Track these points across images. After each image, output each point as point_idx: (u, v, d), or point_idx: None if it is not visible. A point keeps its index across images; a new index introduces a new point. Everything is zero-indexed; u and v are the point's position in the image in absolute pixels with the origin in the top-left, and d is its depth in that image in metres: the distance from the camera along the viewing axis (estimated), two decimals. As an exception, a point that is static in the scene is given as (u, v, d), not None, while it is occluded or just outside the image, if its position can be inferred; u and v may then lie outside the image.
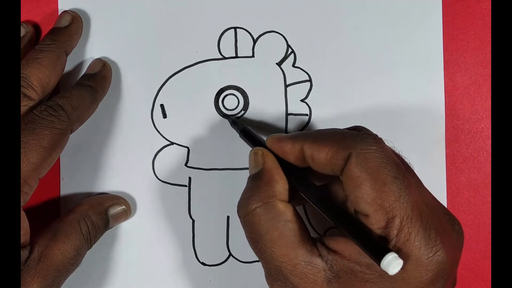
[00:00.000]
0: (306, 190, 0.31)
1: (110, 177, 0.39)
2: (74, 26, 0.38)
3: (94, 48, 0.39)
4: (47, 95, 0.36)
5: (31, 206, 0.39)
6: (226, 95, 0.39)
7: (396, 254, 0.26)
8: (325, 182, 0.34)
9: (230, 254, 0.39)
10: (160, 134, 0.39)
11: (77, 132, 0.37)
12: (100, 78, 0.38)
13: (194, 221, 0.39)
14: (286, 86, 0.39)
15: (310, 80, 0.39)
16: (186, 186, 0.39)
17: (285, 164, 0.32)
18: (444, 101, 0.38)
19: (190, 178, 0.39)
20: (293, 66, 0.39)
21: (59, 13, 0.39)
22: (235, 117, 0.39)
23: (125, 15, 0.39)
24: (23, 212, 0.33)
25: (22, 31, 0.38)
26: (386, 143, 0.30)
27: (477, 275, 0.39)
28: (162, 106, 0.39)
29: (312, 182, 0.32)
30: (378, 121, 0.38)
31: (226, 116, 0.39)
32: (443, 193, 0.38)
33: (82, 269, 0.38)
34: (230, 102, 0.39)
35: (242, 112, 0.39)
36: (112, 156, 0.39)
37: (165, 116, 0.39)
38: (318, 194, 0.31)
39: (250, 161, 0.33)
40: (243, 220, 0.31)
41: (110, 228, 0.38)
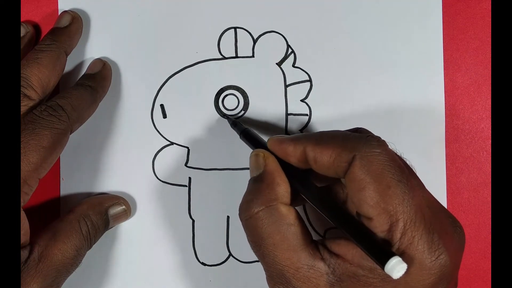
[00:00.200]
0: (308, 192, 0.31)
1: (110, 177, 0.39)
2: (74, 26, 0.38)
3: (94, 48, 0.39)
4: (47, 95, 0.36)
5: (31, 206, 0.39)
6: (226, 95, 0.39)
7: (400, 258, 0.26)
8: (326, 183, 0.33)
9: (230, 254, 0.39)
10: (160, 134, 0.39)
11: (77, 132, 0.37)
12: (100, 78, 0.38)
13: (194, 221, 0.39)
14: (286, 86, 0.39)
15: (310, 80, 0.39)
16: (186, 186, 0.39)
17: (286, 166, 0.32)
18: (444, 101, 0.38)
19: (190, 178, 0.39)
20: (293, 66, 0.39)
21: (59, 13, 0.39)
22: (235, 117, 0.39)
23: (125, 15, 0.39)
24: (23, 212, 0.33)
25: (22, 31, 0.38)
26: (389, 146, 0.30)
27: (477, 275, 0.39)
28: (162, 106, 0.39)
29: (314, 184, 0.31)
30: (378, 121, 0.38)
31: (227, 116, 0.39)
32: (443, 193, 0.38)
33: (82, 269, 0.38)
34: (230, 102, 0.39)
35: (242, 112, 0.39)
36: (112, 156, 0.39)
37: (165, 116, 0.39)
38: (320, 196, 0.30)
39: (251, 163, 0.33)
40: (245, 223, 0.31)
41: (110, 228, 0.38)
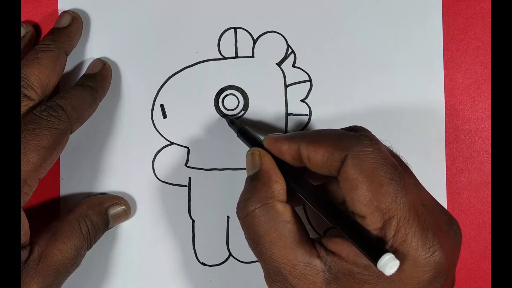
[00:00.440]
0: (303, 190, 0.31)
1: (110, 177, 0.39)
2: (74, 26, 0.38)
3: (94, 48, 0.39)
4: (47, 96, 0.36)
5: (31, 206, 0.39)
6: (226, 95, 0.39)
7: (392, 255, 0.26)
8: (322, 181, 0.33)
9: (230, 254, 0.39)
10: (160, 134, 0.39)
11: (77, 132, 0.37)
12: (100, 78, 0.38)
13: (194, 221, 0.39)
14: (286, 86, 0.39)
15: (310, 80, 0.39)
16: (186, 186, 0.39)
17: (282, 164, 0.32)
18: (444, 101, 0.38)
19: (190, 178, 0.39)
20: (293, 66, 0.39)
21: (59, 13, 0.39)
22: (235, 117, 0.39)
23: (125, 15, 0.39)
24: (23, 212, 0.33)
25: (22, 31, 0.38)
26: (383, 144, 0.30)
27: (477, 275, 0.39)
28: (162, 106, 0.39)
29: (309, 183, 0.31)
30: (377, 121, 0.38)
31: (225, 115, 0.39)
32: (443, 193, 0.38)
33: (82, 269, 0.38)
34: (230, 102, 0.39)
35: (242, 112, 0.39)
36: (112, 156, 0.39)
37: (165, 116, 0.39)
38: (314, 194, 0.31)
39: (247, 162, 0.33)
40: (242, 221, 0.31)
41: (110, 228, 0.38)
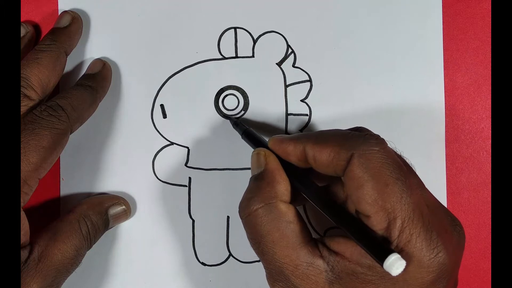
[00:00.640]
0: (308, 191, 0.31)
1: (110, 177, 0.39)
2: (74, 26, 0.38)
3: (94, 48, 0.39)
4: (47, 95, 0.36)
5: (31, 206, 0.39)
6: (226, 95, 0.39)
7: (398, 255, 0.26)
8: (326, 183, 0.33)
9: (230, 254, 0.39)
10: (160, 134, 0.39)
11: (77, 132, 0.37)
12: (100, 78, 0.38)
13: (194, 221, 0.39)
14: (286, 86, 0.39)
15: (310, 80, 0.39)
16: (186, 186, 0.39)
17: (287, 165, 0.32)
18: (444, 101, 0.38)
19: (190, 178, 0.39)
20: (293, 66, 0.39)
21: (59, 13, 0.39)
22: (235, 117, 0.39)
23: (125, 15, 0.39)
24: (23, 212, 0.33)
25: (22, 31, 0.38)
26: (388, 144, 0.30)
27: (477, 275, 0.39)
28: (162, 106, 0.39)
29: (314, 183, 0.31)
30: (378, 121, 0.38)
31: (228, 117, 0.39)
32: (443, 193, 0.38)
33: (82, 269, 0.38)
34: (230, 102, 0.39)
35: (242, 112, 0.39)
36: (112, 156, 0.39)
37: (165, 116, 0.39)
38: (320, 195, 0.31)
39: (253, 161, 0.33)
40: (245, 221, 0.31)
41: (110, 228, 0.38)
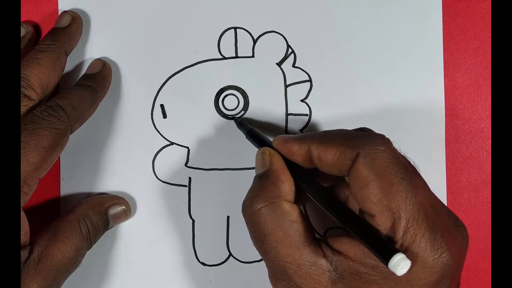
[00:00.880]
0: (313, 190, 0.31)
1: (110, 177, 0.39)
2: (74, 26, 0.38)
3: (94, 48, 0.39)
4: (47, 96, 0.36)
5: (31, 206, 0.39)
6: (226, 95, 0.39)
7: (404, 255, 0.26)
8: (330, 183, 0.34)
9: (230, 254, 0.39)
10: (160, 134, 0.39)
11: (77, 132, 0.37)
12: (100, 78, 0.38)
13: (194, 221, 0.39)
14: (286, 86, 0.39)
15: (310, 80, 0.39)
16: (186, 186, 0.39)
17: (291, 165, 0.32)
18: (444, 101, 0.38)
19: (190, 178, 0.39)
20: (293, 66, 0.39)
21: (59, 13, 0.39)
22: (234, 117, 0.39)
23: (125, 15, 0.39)
24: (23, 212, 0.33)
25: (22, 31, 0.38)
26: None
27: (477, 275, 0.39)
28: (162, 106, 0.39)
29: (319, 183, 0.32)
30: (378, 121, 0.38)
31: (232, 117, 0.39)
32: (443, 193, 0.38)
33: (82, 269, 0.38)
34: (230, 102, 0.39)
35: (242, 112, 0.39)
36: (112, 156, 0.39)
37: (165, 116, 0.39)
38: (325, 195, 0.31)
39: (257, 160, 0.33)
40: (248, 219, 0.31)
41: (110, 228, 0.38)
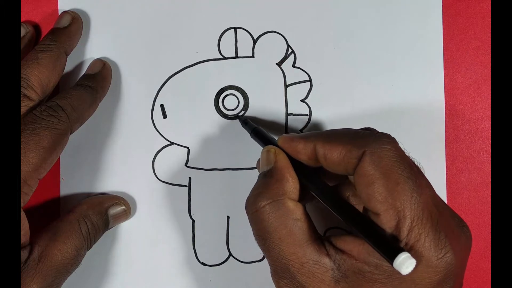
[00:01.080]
0: (318, 189, 0.31)
1: (110, 177, 0.39)
2: (74, 26, 0.38)
3: (94, 48, 0.39)
4: (47, 96, 0.36)
5: (31, 206, 0.39)
6: (226, 95, 0.39)
7: (409, 254, 0.26)
8: (334, 183, 0.34)
9: (230, 254, 0.39)
10: (160, 134, 0.39)
11: (77, 132, 0.37)
12: (100, 79, 0.38)
13: (194, 221, 0.39)
14: (286, 86, 0.39)
15: (310, 80, 0.39)
16: (186, 186, 0.39)
17: (296, 163, 0.32)
18: (444, 101, 0.38)
19: (190, 178, 0.39)
20: (293, 66, 0.39)
21: (59, 13, 0.39)
22: (239, 115, 0.39)
23: (125, 15, 0.39)
24: (23, 212, 0.33)
25: (22, 31, 0.38)
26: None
27: (477, 275, 0.39)
28: (162, 106, 0.39)
29: (324, 182, 0.32)
30: (378, 121, 0.38)
31: (236, 116, 0.39)
32: (443, 193, 0.38)
33: (82, 269, 0.38)
34: (230, 102, 0.39)
35: (242, 112, 0.39)
36: (112, 156, 0.39)
37: (165, 116, 0.39)
38: (330, 193, 0.31)
39: (262, 158, 0.33)
40: (251, 216, 0.31)
41: (110, 228, 0.38)
